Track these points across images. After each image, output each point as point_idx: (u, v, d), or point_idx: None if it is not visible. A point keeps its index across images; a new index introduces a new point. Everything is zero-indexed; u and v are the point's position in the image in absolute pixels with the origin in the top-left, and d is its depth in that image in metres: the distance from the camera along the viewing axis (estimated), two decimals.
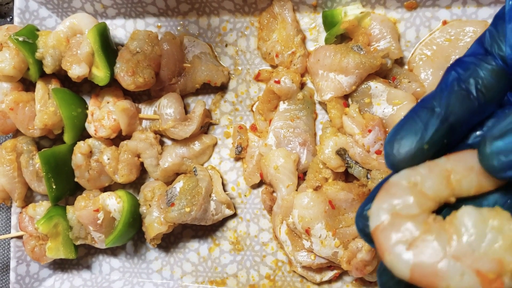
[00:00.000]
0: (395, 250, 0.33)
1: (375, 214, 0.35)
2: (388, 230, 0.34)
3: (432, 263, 0.32)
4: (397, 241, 0.33)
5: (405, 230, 0.33)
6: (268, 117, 0.84)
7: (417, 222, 0.34)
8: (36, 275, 0.91)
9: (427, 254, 0.32)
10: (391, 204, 0.35)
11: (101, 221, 0.82)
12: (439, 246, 0.32)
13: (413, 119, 0.39)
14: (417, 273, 0.33)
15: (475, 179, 0.34)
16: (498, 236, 0.31)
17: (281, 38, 0.83)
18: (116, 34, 0.91)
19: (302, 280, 0.84)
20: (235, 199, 0.87)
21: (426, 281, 0.33)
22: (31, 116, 0.85)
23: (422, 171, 0.35)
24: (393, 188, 0.35)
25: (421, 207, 0.34)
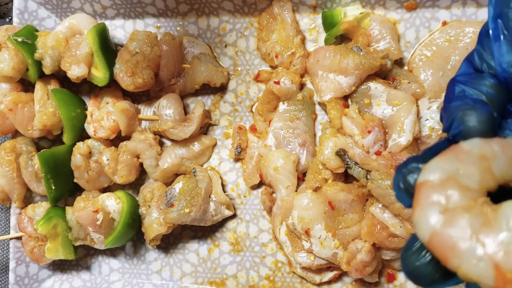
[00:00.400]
0: (428, 209, 0.32)
1: (433, 169, 0.33)
2: (433, 189, 0.32)
3: (454, 237, 0.30)
4: (435, 202, 0.32)
5: (448, 196, 0.32)
6: (268, 118, 0.84)
7: (465, 196, 0.32)
8: (36, 276, 0.91)
9: (455, 227, 0.31)
10: (454, 167, 0.32)
11: (101, 222, 0.81)
12: (470, 225, 0.30)
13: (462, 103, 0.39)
14: (436, 240, 0.31)
15: None
16: None
17: (280, 38, 0.82)
18: (115, 34, 0.91)
19: (302, 281, 0.84)
20: (235, 200, 0.87)
21: (440, 251, 0.31)
22: (30, 117, 0.85)
23: (496, 148, 0.32)
24: (462, 154, 0.33)
25: (481, 185, 0.32)
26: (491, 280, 0.29)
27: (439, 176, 0.32)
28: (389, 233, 0.72)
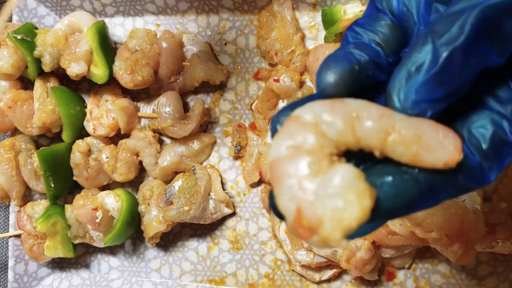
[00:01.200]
0: (282, 139, 0.33)
1: (307, 109, 0.33)
2: (297, 125, 0.33)
3: (285, 172, 0.32)
4: (290, 137, 0.33)
5: (304, 138, 0.32)
6: (268, 116, 0.84)
7: (317, 142, 0.32)
8: (35, 274, 0.91)
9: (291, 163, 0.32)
10: (324, 114, 0.33)
11: (100, 220, 0.81)
12: (301, 168, 0.31)
13: (336, 52, 0.37)
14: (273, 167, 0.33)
15: (414, 150, 0.32)
16: (342, 209, 0.30)
17: (280, 36, 0.82)
18: (114, 32, 0.91)
19: (301, 279, 0.84)
20: (234, 198, 0.87)
21: (272, 178, 0.33)
22: (30, 115, 0.84)
23: (373, 112, 0.33)
24: (338, 105, 0.33)
25: (339, 138, 0.32)
26: (291, 219, 0.31)
27: (308, 118, 0.33)
28: (388, 231, 0.72)
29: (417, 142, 0.31)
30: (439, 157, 0.31)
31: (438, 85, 0.32)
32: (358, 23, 0.41)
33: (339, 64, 0.36)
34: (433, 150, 0.31)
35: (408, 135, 0.31)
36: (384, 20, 0.41)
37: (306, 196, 0.31)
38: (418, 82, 0.32)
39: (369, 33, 0.40)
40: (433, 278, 0.80)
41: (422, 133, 0.31)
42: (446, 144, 0.31)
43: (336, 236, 0.30)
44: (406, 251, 0.76)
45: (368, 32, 0.40)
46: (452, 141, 0.32)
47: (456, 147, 0.31)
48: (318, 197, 0.30)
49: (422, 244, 0.74)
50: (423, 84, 0.32)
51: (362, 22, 0.41)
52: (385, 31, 0.40)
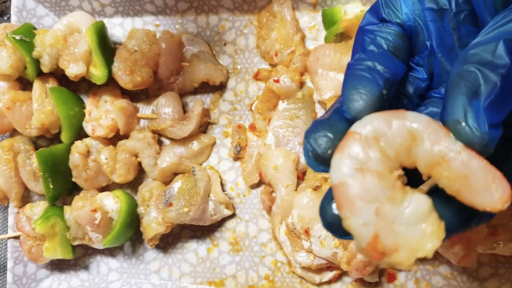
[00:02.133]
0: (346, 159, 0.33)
1: (365, 123, 0.34)
2: (359, 143, 0.33)
3: (358, 195, 0.32)
4: (355, 156, 0.33)
5: (369, 156, 0.33)
6: (267, 117, 0.83)
7: (383, 163, 0.33)
8: (33, 276, 0.91)
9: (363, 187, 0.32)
10: (383, 130, 0.33)
11: (99, 221, 0.81)
12: (376, 193, 0.32)
13: (359, 74, 0.38)
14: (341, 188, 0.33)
15: (458, 187, 0.32)
16: (418, 237, 0.31)
17: (280, 36, 0.82)
18: (114, 32, 0.90)
19: (302, 281, 0.83)
20: (234, 199, 0.86)
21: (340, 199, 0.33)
22: (28, 115, 0.84)
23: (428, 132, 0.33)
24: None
25: (397, 158, 0.33)
26: (365, 243, 0.32)
27: (367, 132, 0.33)
28: None
29: (461, 182, 0.31)
30: (481, 201, 0.31)
31: (500, 106, 0.32)
32: (369, 30, 0.42)
33: (368, 91, 0.36)
34: (477, 194, 0.31)
35: (455, 173, 0.31)
36: (393, 29, 0.41)
37: (384, 223, 0.31)
38: (482, 104, 0.32)
39: (383, 40, 0.41)
40: (434, 280, 0.79)
41: (470, 174, 0.31)
42: (492, 191, 0.31)
43: (409, 262, 0.31)
44: None
45: (382, 39, 0.41)
46: (499, 190, 0.31)
47: (502, 197, 0.31)
48: (396, 225, 0.31)
49: None
50: (488, 106, 0.32)
51: (373, 30, 0.42)
52: (398, 40, 0.41)
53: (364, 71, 0.38)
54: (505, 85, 0.32)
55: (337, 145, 0.35)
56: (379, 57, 0.39)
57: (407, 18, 0.41)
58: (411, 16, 0.41)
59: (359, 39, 0.42)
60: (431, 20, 0.40)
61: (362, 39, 0.42)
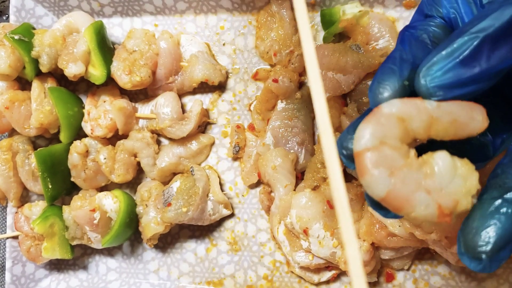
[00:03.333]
0: (376, 173, 0.38)
1: (363, 137, 0.38)
2: (374, 154, 0.38)
3: (407, 192, 0.37)
4: (381, 166, 0.38)
5: (390, 159, 0.38)
6: (266, 117, 0.83)
7: (401, 154, 0.38)
8: (32, 276, 0.91)
9: (405, 184, 0.37)
10: (380, 131, 0.38)
11: (98, 221, 0.81)
12: (417, 179, 0.37)
13: (389, 68, 0.42)
14: (391, 197, 0.38)
15: (453, 131, 0.38)
16: (463, 182, 0.37)
17: (279, 37, 0.82)
18: (112, 32, 0.90)
19: (300, 280, 0.83)
20: (233, 199, 0.86)
21: (396, 204, 0.38)
22: (27, 115, 0.84)
23: (413, 111, 0.38)
24: (383, 118, 0.38)
25: (404, 142, 0.38)
26: (435, 217, 0.37)
27: (372, 143, 0.38)
28: (387, 232, 0.72)
29: (454, 125, 0.38)
30: (473, 129, 0.38)
31: (465, 69, 0.36)
32: (412, 26, 0.46)
33: (391, 82, 0.40)
34: (468, 126, 0.38)
35: (446, 123, 0.38)
36: (435, 22, 0.46)
37: (437, 194, 0.37)
38: (445, 66, 0.37)
39: (423, 32, 0.45)
40: (432, 280, 0.79)
41: (456, 117, 0.38)
42: (475, 117, 0.38)
43: (470, 202, 0.38)
44: (405, 253, 0.76)
45: (422, 31, 0.45)
46: (479, 113, 0.38)
47: (483, 117, 0.38)
48: (443, 187, 0.37)
49: (421, 245, 0.73)
50: (452, 67, 0.36)
51: (416, 25, 0.46)
52: (438, 30, 0.45)
53: (393, 63, 0.42)
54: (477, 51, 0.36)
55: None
56: (413, 47, 0.43)
57: (447, 11, 0.45)
58: (450, 10, 0.45)
59: (400, 34, 0.46)
60: (465, 11, 0.44)
61: (403, 33, 0.46)
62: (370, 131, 0.38)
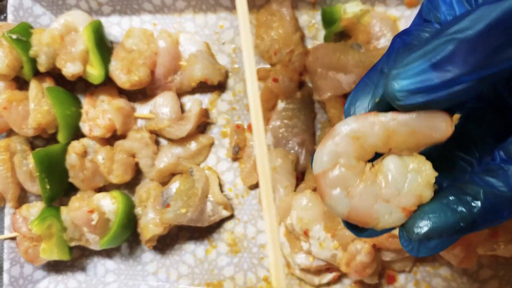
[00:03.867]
0: (334, 196, 0.38)
1: (320, 159, 0.39)
2: (330, 176, 0.38)
3: (366, 207, 0.38)
4: (338, 186, 0.38)
5: (344, 179, 0.38)
6: (266, 117, 0.83)
7: (355, 172, 0.38)
8: (30, 277, 0.90)
9: (363, 200, 0.38)
10: (335, 152, 0.38)
11: (96, 222, 0.80)
12: (372, 192, 0.37)
13: (365, 82, 0.41)
14: (353, 214, 0.38)
15: (414, 142, 0.37)
16: (417, 176, 0.37)
17: (279, 36, 0.81)
18: (111, 31, 0.90)
19: (301, 282, 0.83)
20: (232, 200, 0.86)
21: (360, 220, 0.38)
22: (25, 115, 0.83)
23: (367, 127, 0.37)
24: (337, 137, 0.38)
25: (359, 159, 0.38)
26: (404, 219, 0.38)
27: (327, 164, 0.38)
28: (389, 234, 0.71)
29: (414, 136, 0.36)
30: (437, 137, 0.36)
31: (436, 72, 0.34)
32: (407, 31, 0.44)
33: (362, 102, 0.40)
34: (431, 135, 0.36)
35: (404, 135, 0.37)
36: (431, 27, 0.43)
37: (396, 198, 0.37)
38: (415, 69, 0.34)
39: (416, 41, 0.42)
40: (434, 282, 0.79)
41: (414, 127, 0.36)
42: (437, 125, 0.36)
43: (432, 191, 0.37)
44: (406, 254, 0.75)
45: (414, 36, 0.42)
46: (441, 120, 0.36)
47: (447, 123, 0.36)
48: (400, 189, 0.37)
49: None
50: (421, 72, 0.34)
51: (410, 30, 0.44)
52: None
53: (370, 77, 0.41)
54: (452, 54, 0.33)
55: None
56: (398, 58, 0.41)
57: (445, 17, 0.43)
58: (447, 16, 0.43)
59: (392, 40, 0.44)
60: None
61: (394, 40, 0.43)
62: (325, 152, 0.38)
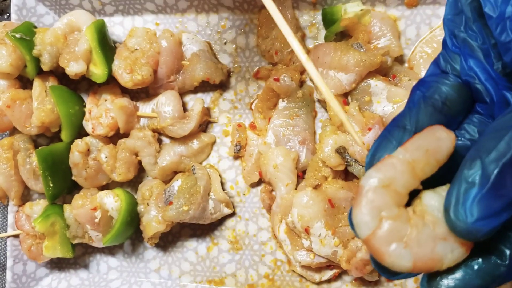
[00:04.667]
0: (393, 252, 0.37)
1: (361, 221, 0.37)
2: (380, 235, 0.37)
3: (429, 252, 0.36)
4: (392, 243, 0.37)
5: (396, 231, 0.37)
6: (267, 115, 0.83)
7: (402, 220, 0.37)
8: (33, 274, 0.91)
9: (423, 246, 0.36)
10: (375, 208, 0.37)
11: (99, 220, 0.81)
12: (428, 235, 0.37)
13: (387, 138, 0.42)
14: (418, 264, 0.37)
15: (433, 159, 0.38)
16: None
17: (280, 35, 0.82)
18: (114, 31, 0.90)
19: (301, 279, 0.83)
20: (234, 198, 0.86)
21: (426, 267, 0.37)
22: (28, 114, 0.84)
23: (390, 171, 0.38)
24: (369, 193, 0.37)
25: (398, 205, 0.37)
26: (466, 254, 0.37)
27: (373, 224, 0.37)
28: None
29: (429, 154, 0.38)
30: (446, 147, 0.38)
31: (494, 199, 0.34)
32: (425, 82, 0.45)
33: (382, 147, 0.41)
34: (439, 148, 0.38)
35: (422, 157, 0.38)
36: (450, 80, 0.45)
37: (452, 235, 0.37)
38: (474, 198, 0.34)
39: (436, 93, 0.43)
40: None
41: (425, 147, 0.38)
42: (440, 137, 0.38)
43: None
44: None
45: (436, 92, 0.44)
46: (441, 132, 0.38)
47: (445, 131, 0.38)
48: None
49: None
50: (480, 200, 0.34)
51: (429, 81, 0.45)
52: (451, 92, 0.44)
53: (392, 133, 0.42)
54: (500, 179, 0.34)
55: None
56: (421, 112, 0.42)
57: (464, 72, 0.44)
58: (467, 71, 0.44)
59: (412, 92, 0.45)
60: (484, 76, 0.43)
61: (414, 92, 0.45)
62: (365, 212, 0.37)
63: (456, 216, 0.35)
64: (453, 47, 0.46)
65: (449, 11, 0.46)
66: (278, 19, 0.43)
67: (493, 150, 0.34)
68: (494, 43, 0.43)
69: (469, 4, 0.44)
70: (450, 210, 0.35)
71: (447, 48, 0.47)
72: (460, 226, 0.35)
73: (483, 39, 0.43)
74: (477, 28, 0.44)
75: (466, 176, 0.35)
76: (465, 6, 0.44)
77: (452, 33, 0.46)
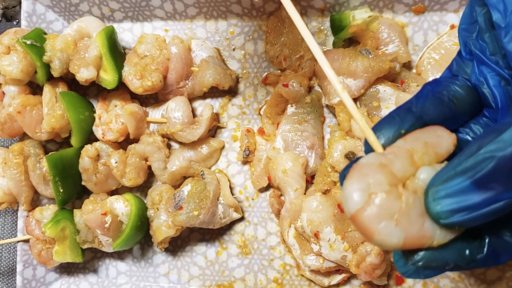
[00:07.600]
0: (383, 229, 0.36)
1: (350, 197, 0.36)
2: (368, 212, 0.36)
3: (418, 229, 0.36)
4: (382, 220, 0.36)
5: (386, 208, 0.36)
6: (276, 121, 0.84)
7: (393, 197, 0.36)
8: (43, 279, 0.91)
9: (412, 222, 0.36)
10: (364, 183, 0.36)
11: (109, 225, 0.81)
12: (418, 210, 0.36)
13: (392, 116, 0.44)
14: (408, 242, 0.37)
15: (432, 152, 0.39)
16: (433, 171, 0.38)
17: (289, 41, 0.83)
18: (123, 37, 0.91)
19: (310, 283, 0.84)
20: (243, 203, 0.87)
21: (416, 245, 0.37)
22: (39, 120, 0.85)
23: (389, 155, 0.38)
24: (364, 168, 0.37)
25: (393, 185, 0.37)
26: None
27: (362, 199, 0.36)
28: None
29: (428, 147, 0.39)
30: (446, 146, 0.39)
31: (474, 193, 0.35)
32: (437, 81, 0.48)
33: (386, 131, 0.42)
34: (440, 144, 0.39)
35: (421, 147, 0.39)
36: (460, 81, 0.47)
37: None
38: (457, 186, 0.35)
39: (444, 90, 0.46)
40: (442, 283, 0.80)
41: (424, 139, 0.39)
42: (441, 134, 0.40)
43: None
44: None
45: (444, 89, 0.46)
46: (442, 131, 0.40)
47: (445, 130, 0.40)
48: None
49: None
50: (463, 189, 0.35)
51: (441, 80, 0.48)
52: (460, 91, 0.46)
53: (397, 111, 0.44)
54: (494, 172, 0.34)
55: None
56: (427, 102, 0.44)
57: (475, 78, 0.46)
58: (478, 77, 0.46)
59: (422, 87, 0.47)
60: (494, 85, 0.45)
61: (424, 87, 0.47)
62: (356, 186, 0.36)
63: (433, 197, 0.36)
64: (466, 55, 0.48)
65: (464, 20, 0.48)
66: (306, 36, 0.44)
67: (483, 147, 0.35)
68: (504, 54, 0.44)
69: (483, 15, 0.45)
70: (429, 190, 0.37)
71: (460, 55, 0.49)
72: (432, 209, 0.36)
73: (494, 49, 0.45)
74: (489, 38, 0.46)
75: (456, 164, 0.36)
76: (480, 16, 0.46)
77: (465, 42, 0.48)
